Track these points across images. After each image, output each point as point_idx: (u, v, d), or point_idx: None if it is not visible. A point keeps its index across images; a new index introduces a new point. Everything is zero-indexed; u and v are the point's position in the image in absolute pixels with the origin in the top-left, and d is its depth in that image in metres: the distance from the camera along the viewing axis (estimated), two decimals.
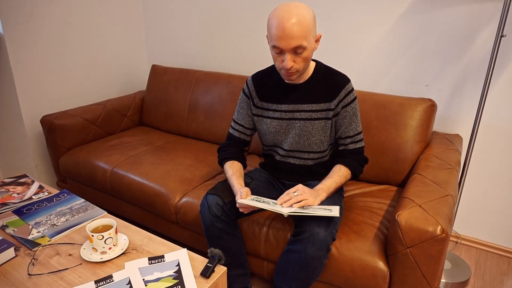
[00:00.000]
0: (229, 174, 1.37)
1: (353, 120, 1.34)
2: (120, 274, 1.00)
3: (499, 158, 1.72)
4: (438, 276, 1.15)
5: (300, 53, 1.19)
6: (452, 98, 1.75)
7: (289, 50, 1.17)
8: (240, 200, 1.20)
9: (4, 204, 1.36)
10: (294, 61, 1.20)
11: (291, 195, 1.19)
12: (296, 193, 1.20)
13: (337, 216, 1.17)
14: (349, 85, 1.32)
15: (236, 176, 1.34)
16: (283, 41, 1.15)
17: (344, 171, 1.34)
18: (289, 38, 1.14)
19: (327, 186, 1.28)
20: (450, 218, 1.14)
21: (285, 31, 1.14)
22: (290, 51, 1.18)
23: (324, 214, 1.13)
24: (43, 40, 2.06)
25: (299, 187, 1.22)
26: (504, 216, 1.78)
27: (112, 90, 2.53)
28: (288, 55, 1.18)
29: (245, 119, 1.46)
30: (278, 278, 1.28)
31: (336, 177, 1.32)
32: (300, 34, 1.14)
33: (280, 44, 1.16)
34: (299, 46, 1.16)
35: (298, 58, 1.20)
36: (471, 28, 1.63)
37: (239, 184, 1.31)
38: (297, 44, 1.16)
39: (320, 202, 1.23)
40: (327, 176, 1.33)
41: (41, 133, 2.16)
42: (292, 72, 1.23)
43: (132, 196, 1.75)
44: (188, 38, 2.45)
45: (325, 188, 1.27)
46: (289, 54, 1.18)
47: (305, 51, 1.19)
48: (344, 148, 1.38)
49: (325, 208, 1.20)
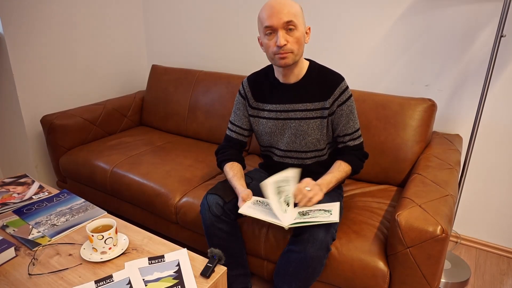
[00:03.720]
0: (230, 176, 1.37)
1: (350, 118, 1.35)
2: (120, 274, 1.00)
3: (499, 158, 1.72)
4: (438, 276, 1.15)
5: (291, 31, 1.21)
6: (452, 98, 1.75)
7: (280, 26, 1.20)
8: (241, 211, 1.20)
9: (4, 204, 1.36)
10: (287, 41, 1.22)
11: (305, 192, 1.20)
12: (308, 188, 1.21)
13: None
14: (343, 83, 1.33)
15: (238, 178, 1.35)
16: (274, 17, 1.19)
17: (344, 167, 1.35)
18: (279, 13, 1.19)
19: (327, 182, 1.29)
20: (450, 218, 1.14)
21: (275, 8, 1.20)
22: (282, 28, 1.21)
23: (324, 221, 1.13)
24: (43, 40, 2.06)
25: (308, 182, 1.23)
26: (504, 216, 1.79)
27: (112, 90, 2.53)
28: (281, 32, 1.21)
29: (241, 120, 1.46)
30: (278, 278, 1.28)
31: (336, 172, 1.33)
32: (290, 10, 1.20)
33: (271, 21, 1.20)
34: (290, 21, 1.20)
35: (290, 37, 1.22)
36: (471, 28, 1.63)
37: (241, 186, 1.31)
38: (288, 19, 1.19)
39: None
40: (327, 172, 1.34)
41: (41, 133, 2.16)
42: (286, 52, 1.23)
43: (132, 196, 1.75)
44: (188, 38, 2.45)
45: (325, 184, 1.28)
46: (281, 30, 1.21)
47: (296, 31, 1.22)
48: (344, 145, 1.38)
49: (325, 209, 1.20)
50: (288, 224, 1.13)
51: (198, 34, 2.40)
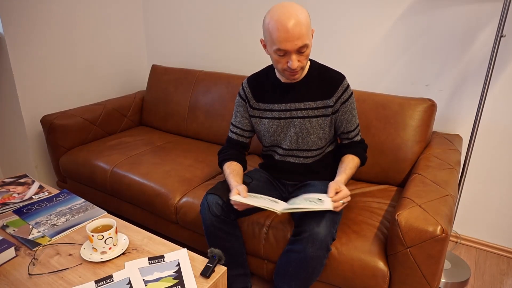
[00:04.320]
0: (227, 174, 1.38)
1: (353, 114, 1.38)
2: (120, 274, 1.01)
3: (499, 158, 1.72)
4: (438, 276, 1.15)
5: (303, 52, 1.20)
6: (452, 98, 1.75)
7: (294, 51, 1.18)
8: (233, 197, 1.20)
9: (5, 204, 1.36)
10: (298, 61, 1.21)
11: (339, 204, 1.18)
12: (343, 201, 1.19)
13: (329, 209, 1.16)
14: (345, 81, 1.34)
15: (233, 175, 1.35)
16: (288, 43, 1.16)
17: (357, 161, 1.38)
18: (295, 39, 1.15)
19: (344, 180, 1.29)
20: (450, 218, 1.14)
21: (289, 33, 1.14)
22: (295, 52, 1.19)
23: (317, 208, 1.13)
24: (43, 40, 2.06)
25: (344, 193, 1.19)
26: (504, 216, 1.79)
27: (112, 90, 2.53)
28: (294, 56, 1.19)
29: (242, 122, 1.46)
30: (278, 278, 1.28)
31: (350, 169, 1.34)
32: (303, 33, 1.15)
33: (286, 46, 1.17)
34: (304, 45, 1.18)
35: (301, 56, 1.21)
36: (471, 28, 1.63)
37: (235, 182, 1.31)
38: (302, 44, 1.17)
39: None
40: (344, 169, 1.33)
41: (41, 133, 2.16)
42: (298, 71, 1.25)
43: (132, 196, 1.75)
44: (188, 38, 2.45)
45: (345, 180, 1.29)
46: (295, 54, 1.19)
47: (308, 49, 1.21)
48: (350, 141, 1.42)
49: (318, 198, 1.20)
50: (281, 209, 1.14)
51: (198, 34, 2.40)
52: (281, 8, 1.16)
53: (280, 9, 1.16)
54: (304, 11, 1.18)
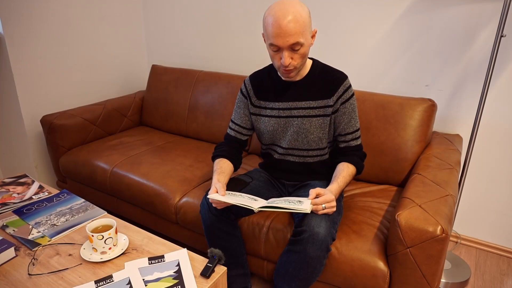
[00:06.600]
0: (213, 170, 1.37)
1: (352, 116, 1.35)
2: (120, 274, 1.00)
3: (499, 158, 1.72)
4: (438, 276, 1.15)
5: (297, 50, 1.19)
6: (452, 98, 1.75)
7: (286, 47, 1.18)
8: (211, 195, 1.19)
9: (4, 204, 1.36)
10: (291, 58, 1.21)
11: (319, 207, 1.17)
12: (324, 206, 1.17)
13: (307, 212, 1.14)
14: (347, 81, 1.33)
15: (218, 173, 1.33)
16: (280, 38, 1.16)
17: (352, 170, 1.34)
18: (286, 35, 1.15)
19: (337, 191, 1.26)
20: (450, 218, 1.14)
21: (281, 29, 1.14)
22: (288, 48, 1.19)
23: (294, 209, 1.11)
24: (43, 40, 2.06)
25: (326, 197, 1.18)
26: (504, 216, 1.78)
27: (112, 90, 2.53)
28: (286, 52, 1.19)
29: (241, 118, 1.46)
30: (278, 278, 1.28)
31: (344, 178, 1.30)
32: (297, 30, 1.15)
33: (277, 42, 1.17)
34: (296, 43, 1.17)
35: (295, 54, 1.21)
36: (471, 28, 1.63)
37: (216, 180, 1.29)
38: (294, 41, 1.16)
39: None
40: (336, 177, 1.30)
41: (41, 133, 2.16)
42: (290, 69, 1.24)
43: (132, 196, 1.75)
44: (188, 38, 2.45)
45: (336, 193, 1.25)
46: (287, 51, 1.19)
47: (302, 48, 1.20)
48: (346, 145, 1.37)
49: (299, 200, 1.19)
50: (257, 207, 1.13)
51: (198, 34, 2.40)
52: (280, 4, 1.17)
53: (280, 5, 1.17)
54: (304, 9, 1.17)
